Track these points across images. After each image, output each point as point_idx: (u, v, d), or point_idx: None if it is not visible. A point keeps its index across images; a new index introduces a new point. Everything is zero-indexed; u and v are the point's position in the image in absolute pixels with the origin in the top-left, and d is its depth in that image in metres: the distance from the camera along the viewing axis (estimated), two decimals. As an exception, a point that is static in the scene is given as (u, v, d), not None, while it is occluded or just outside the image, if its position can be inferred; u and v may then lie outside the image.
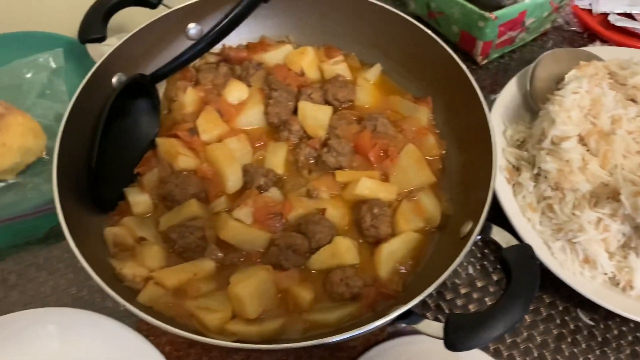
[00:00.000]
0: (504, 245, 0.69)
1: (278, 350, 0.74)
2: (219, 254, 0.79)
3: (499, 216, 0.84)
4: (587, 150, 0.82)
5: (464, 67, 0.85)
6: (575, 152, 0.81)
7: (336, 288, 0.76)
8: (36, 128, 0.94)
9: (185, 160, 0.85)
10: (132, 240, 0.79)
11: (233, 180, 0.84)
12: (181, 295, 0.74)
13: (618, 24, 1.14)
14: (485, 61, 1.13)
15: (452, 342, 0.63)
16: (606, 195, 0.79)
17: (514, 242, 0.69)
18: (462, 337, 0.63)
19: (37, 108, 0.98)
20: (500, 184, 0.88)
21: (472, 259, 0.91)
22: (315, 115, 0.90)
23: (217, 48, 0.93)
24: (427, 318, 0.68)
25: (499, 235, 0.71)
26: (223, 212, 0.82)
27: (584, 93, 0.85)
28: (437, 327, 0.65)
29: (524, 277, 0.65)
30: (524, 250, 0.68)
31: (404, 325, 0.69)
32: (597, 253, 0.78)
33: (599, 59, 0.95)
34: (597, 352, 0.82)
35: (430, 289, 0.67)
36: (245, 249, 0.80)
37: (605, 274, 0.79)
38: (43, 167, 0.95)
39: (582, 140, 0.83)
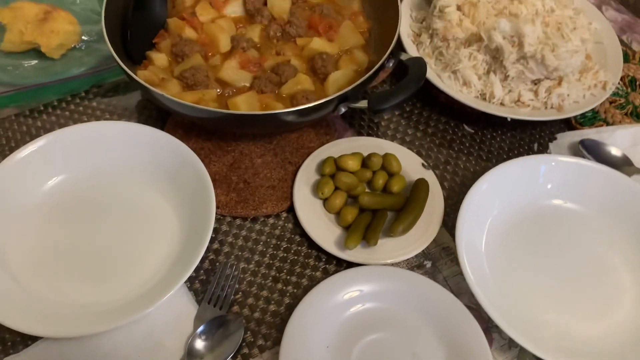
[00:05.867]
0: (405, 59, 1.09)
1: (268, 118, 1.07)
2: (218, 89, 1.15)
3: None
4: (462, 14, 1.23)
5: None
6: (454, 15, 1.21)
7: (300, 102, 1.13)
8: (74, 21, 1.28)
9: (189, 31, 1.21)
10: (157, 79, 1.14)
11: (224, 43, 1.20)
12: (195, 107, 1.10)
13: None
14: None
15: (373, 105, 1.01)
16: (474, 39, 1.20)
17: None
18: (378, 102, 1.01)
19: (75, 7, 1.32)
20: (408, 44, 1.27)
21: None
22: (280, 4, 1.28)
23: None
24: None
25: (403, 56, 1.10)
26: (218, 65, 1.18)
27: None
28: (364, 102, 1.03)
29: (416, 69, 1.05)
30: (417, 58, 1.07)
31: (344, 109, 1.07)
32: (470, 76, 1.18)
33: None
34: (476, 147, 1.22)
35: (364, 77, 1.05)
36: (236, 85, 1.16)
37: (479, 91, 1.20)
38: (79, 51, 1.29)
39: (459, 8, 1.24)
